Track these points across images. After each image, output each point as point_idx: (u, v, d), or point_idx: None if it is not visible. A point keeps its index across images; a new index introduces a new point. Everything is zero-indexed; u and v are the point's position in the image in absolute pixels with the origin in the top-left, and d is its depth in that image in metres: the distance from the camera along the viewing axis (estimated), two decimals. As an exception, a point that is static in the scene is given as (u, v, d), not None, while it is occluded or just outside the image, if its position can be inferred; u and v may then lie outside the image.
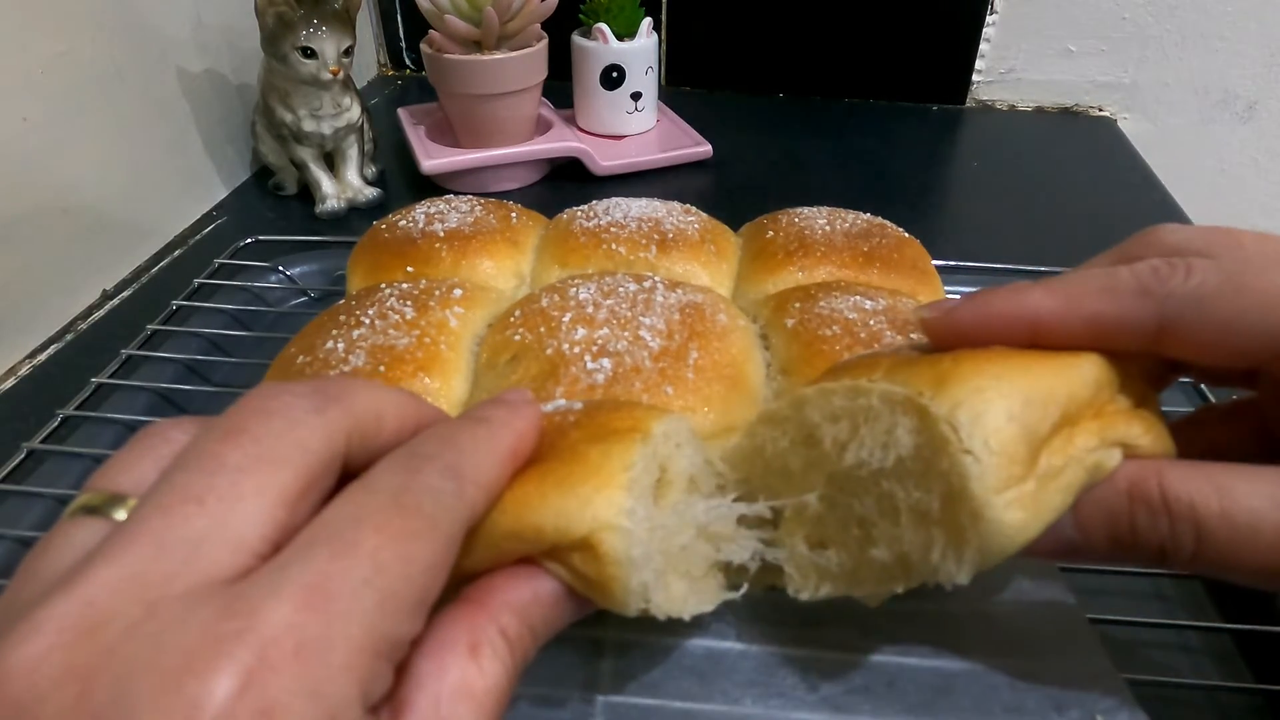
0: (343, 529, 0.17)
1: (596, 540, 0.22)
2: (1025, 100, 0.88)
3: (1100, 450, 0.24)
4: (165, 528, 0.17)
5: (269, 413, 0.19)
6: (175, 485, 0.17)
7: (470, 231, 0.45)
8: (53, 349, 0.52)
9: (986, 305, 0.25)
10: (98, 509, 0.19)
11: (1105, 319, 0.24)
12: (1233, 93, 0.84)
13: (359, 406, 0.20)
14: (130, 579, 0.16)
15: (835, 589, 0.26)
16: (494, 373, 0.35)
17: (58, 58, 0.52)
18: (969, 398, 0.22)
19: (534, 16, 0.66)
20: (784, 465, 0.27)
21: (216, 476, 0.17)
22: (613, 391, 0.32)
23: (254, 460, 0.18)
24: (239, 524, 0.17)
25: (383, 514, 0.18)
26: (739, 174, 0.74)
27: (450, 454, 0.21)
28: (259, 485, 0.17)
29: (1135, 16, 0.82)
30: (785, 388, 0.34)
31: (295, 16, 0.58)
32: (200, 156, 0.67)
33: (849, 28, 0.84)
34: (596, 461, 0.23)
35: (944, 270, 0.47)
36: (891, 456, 0.24)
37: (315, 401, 0.19)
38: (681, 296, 0.37)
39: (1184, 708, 0.32)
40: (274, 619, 0.15)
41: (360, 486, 0.19)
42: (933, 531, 0.23)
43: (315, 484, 0.19)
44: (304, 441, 0.19)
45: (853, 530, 0.26)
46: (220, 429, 0.19)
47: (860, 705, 0.28)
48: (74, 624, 0.15)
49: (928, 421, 0.23)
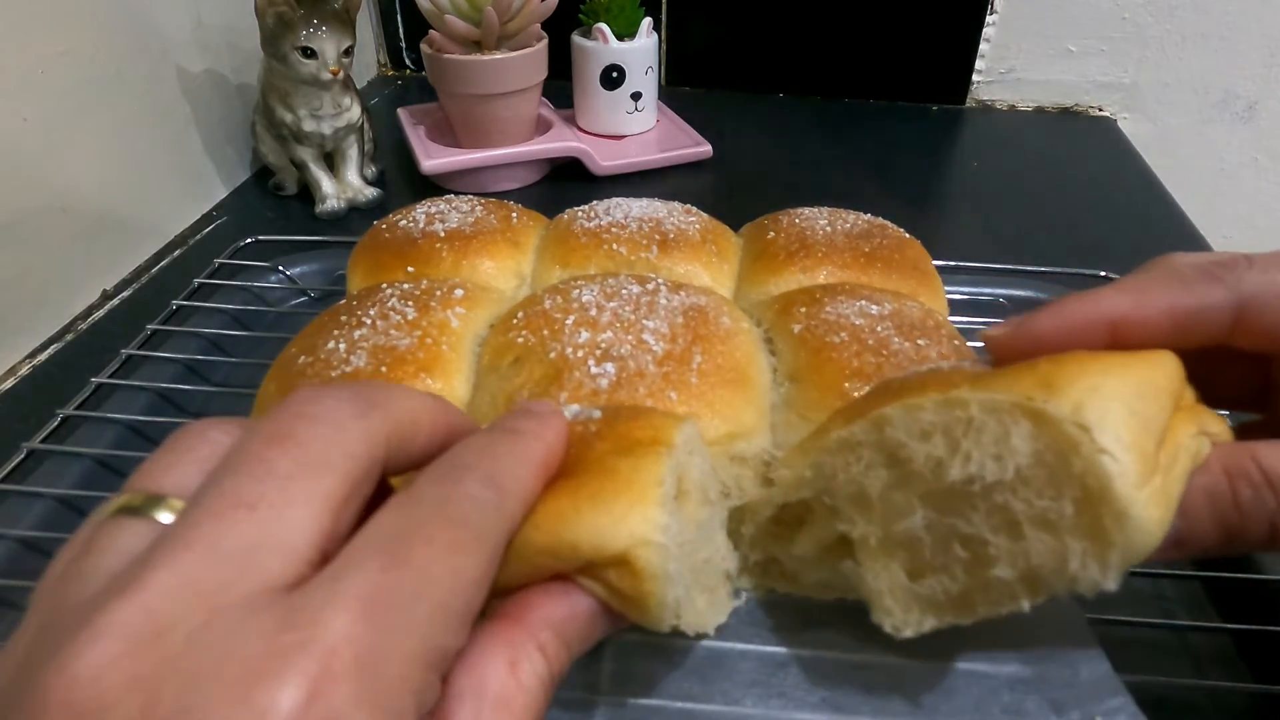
0: (393, 541, 0.18)
1: (633, 556, 0.22)
2: (1025, 100, 0.88)
3: (1198, 438, 0.23)
4: (218, 534, 0.17)
5: (313, 418, 0.19)
6: (225, 490, 0.17)
7: (471, 231, 0.45)
8: (53, 349, 0.52)
9: (1062, 312, 0.25)
10: (138, 510, 0.19)
11: (1183, 309, 0.24)
12: (1233, 93, 0.84)
13: (397, 411, 0.21)
14: (187, 585, 0.16)
15: (942, 618, 0.25)
16: (496, 375, 0.35)
17: (58, 58, 0.52)
18: (1087, 397, 0.21)
19: (534, 16, 0.66)
20: (859, 491, 0.26)
21: (266, 483, 0.17)
22: (617, 396, 0.32)
23: (301, 466, 0.18)
24: (289, 531, 0.17)
25: (431, 526, 0.18)
26: (739, 174, 0.74)
27: (489, 464, 0.21)
28: (307, 492, 0.18)
29: (1135, 16, 0.82)
30: (793, 394, 0.34)
31: (295, 16, 0.58)
32: (200, 156, 0.67)
33: (849, 28, 0.84)
34: (628, 476, 0.23)
35: (944, 270, 0.47)
36: (1009, 467, 0.22)
37: (357, 406, 0.20)
38: (685, 299, 0.37)
39: (1184, 708, 0.32)
40: (333, 630, 0.16)
41: (406, 498, 0.19)
42: (1067, 540, 0.22)
43: (359, 489, 0.19)
44: (348, 447, 0.19)
45: (956, 552, 0.24)
46: (265, 433, 0.19)
47: (861, 706, 0.28)
48: (136, 631, 0.15)
49: (1048, 425, 0.22)
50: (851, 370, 0.33)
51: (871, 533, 0.26)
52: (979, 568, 0.24)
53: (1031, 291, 0.53)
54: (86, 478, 0.40)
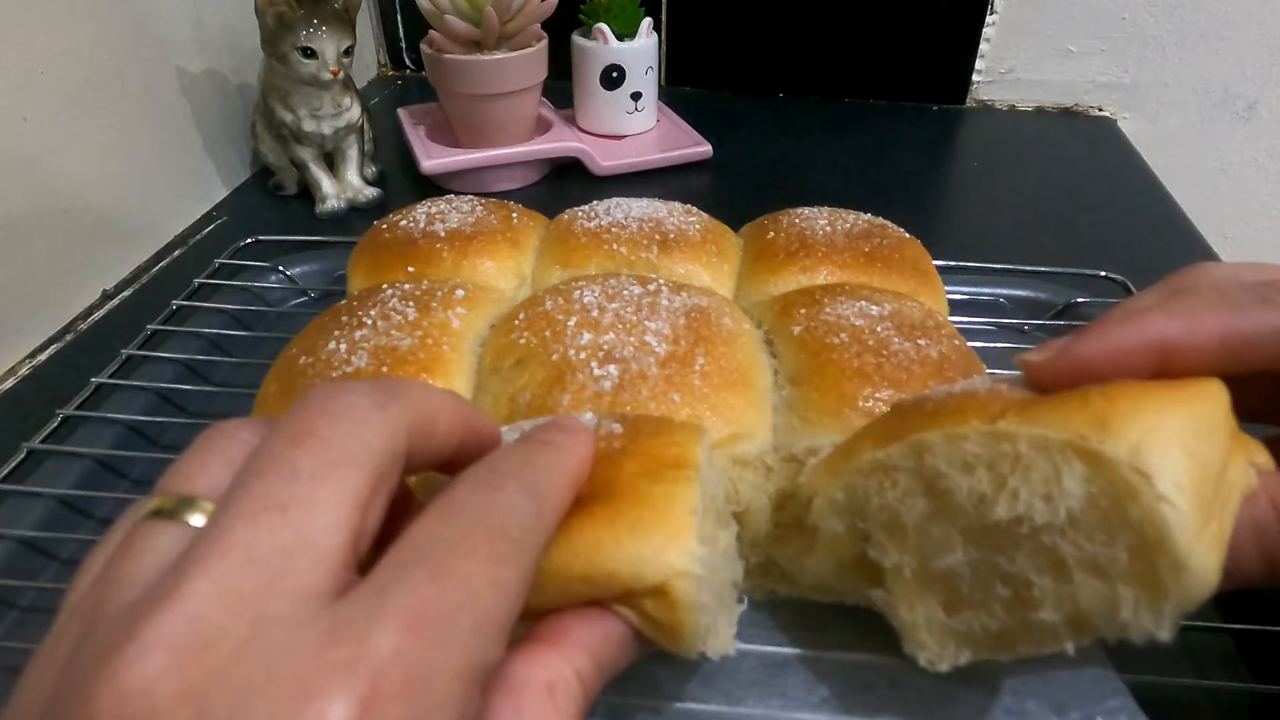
0: (435, 551, 0.18)
1: (671, 587, 0.22)
2: (1025, 100, 0.88)
3: (1247, 470, 0.23)
4: (252, 538, 0.17)
5: (334, 413, 0.19)
6: (254, 493, 0.17)
7: (471, 232, 0.45)
8: (53, 349, 0.52)
9: (1107, 337, 0.23)
10: (171, 513, 0.19)
11: (1237, 335, 0.23)
12: (1233, 93, 0.84)
13: (418, 404, 0.20)
14: (228, 593, 0.16)
15: (978, 653, 0.24)
16: (498, 377, 0.35)
17: (58, 58, 0.52)
18: (1146, 439, 0.20)
19: (534, 16, 0.66)
20: (894, 519, 0.25)
21: (294, 484, 0.17)
22: (620, 398, 0.32)
23: (326, 465, 0.18)
24: (322, 533, 0.17)
25: (472, 536, 0.18)
26: (739, 174, 0.74)
27: (529, 474, 0.21)
28: (335, 492, 0.18)
29: (1135, 16, 0.82)
30: (794, 396, 0.34)
31: (295, 16, 0.58)
32: (200, 156, 0.67)
33: (849, 28, 0.84)
34: (664, 506, 0.23)
35: (944, 270, 0.47)
36: (1060, 510, 0.21)
37: (376, 399, 0.20)
38: (686, 300, 0.37)
39: (1184, 708, 0.32)
40: (381, 647, 0.16)
41: (446, 506, 0.19)
42: (1118, 587, 0.21)
43: (383, 484, 0.19)
44: (371, 441, 0.19)
45: (998, 590, 0.23)
46: (288, 432, 0.19)
47: (861, 706, 0.28)
48: (183, 643, 0.15)
49: (1104, 468, 0.20)
50: (852, 371, 0.33)
51: (906, 564, 0.25)
52: (1021, 608, 0.23)
53: (1031, 291, 0.53)
54: (86, 478, 0.41)
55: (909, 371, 0.33)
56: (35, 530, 0.38)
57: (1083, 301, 0.51)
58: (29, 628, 0.35)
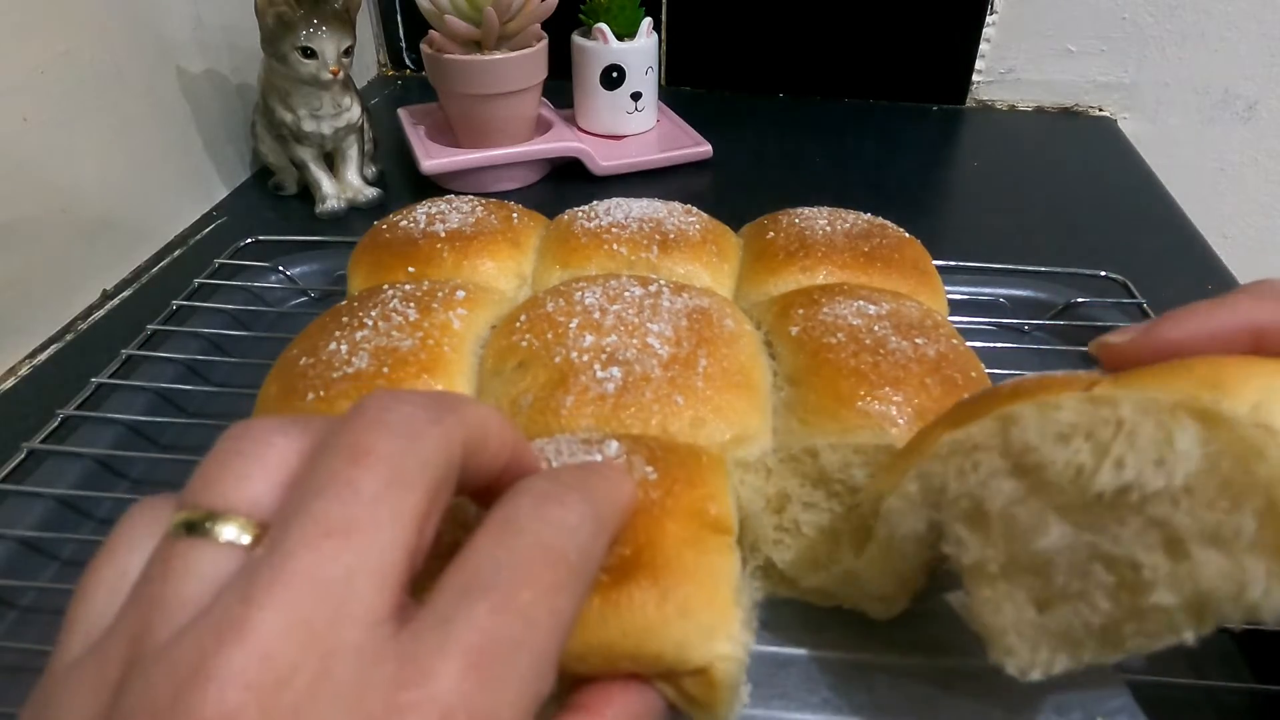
0: (497, 578, 0.18)
1: (714, 669, 0.23)
2: (1025, 100, 0.88)
3: None
4: (316, 565, 0.16)
5: (390, 427, 0.18)
6: (316, 516, 0.17)
7: (471, 232, 0.45)
8: (53, 349, 0.52)
9: (1196, 319, 0.23)
10: (205, 529, 0.18)
11: None
12: (1233, 93, 0.84)
13: (470, 419, 0.20)
14: (297, 625, 0.16)
15: (1079, 656, 0.22)
16: (500, 379, 0.34)
17: (58, 58, 0.52)
18: (1266, 397, 0.19)
19: (534, 16, 0.66)
20: (975, 506, 0.23)
21: (354, 506, 0.17)
22: (623, 401, 0.32)
23: (385, 485, 0.17)
24: (383, 558, 0.17)
25: (534, 562, 0.18)
26: (739, 174, 0.74)
27: (589, 491, 0.21)
28: (395, 514, 0.17)
29: (1135, 16, 0.82)
30: (792, 397, 0.34)
31: (295, 16, 0.58)
32: (200, 156, 0.67)
33: (849, 28, 0.84)
34: (709, 585, 0.24)
35: (944, 270, 0.47)
36: (1177, 474, 0.20)
37: (432, 413, 0.19)
38: (688, 301, 0.37)
39: (1184, 708, 0.32)
40: (447, 687, 0.16)
41: (506, 523, 0.19)
42: (1245, 560, 0.19)
43: (439, 501, 0.19)
44: (428, 458, 0.18)
45: (1098, 576, 0.21)
46: (346, 449, 0.18)
47: (861, 706, 0.28)
48: (258, 679, 0.15)
49: (1221, 428, 0.19)
50: (848, 370, 0.33)
51: (991, 558, 0.23)
52: (1129, 594, 0.21)
53: (1031, 291, 0.53)
54: (86, 478, 0.40)
55: (906, 371, 0.33)
56: (35, 530, 0.38)
57: (1083, 301, 0.51)
58: (29, 628, 0.35)
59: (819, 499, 0.31)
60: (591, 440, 0.28)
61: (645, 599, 0.23)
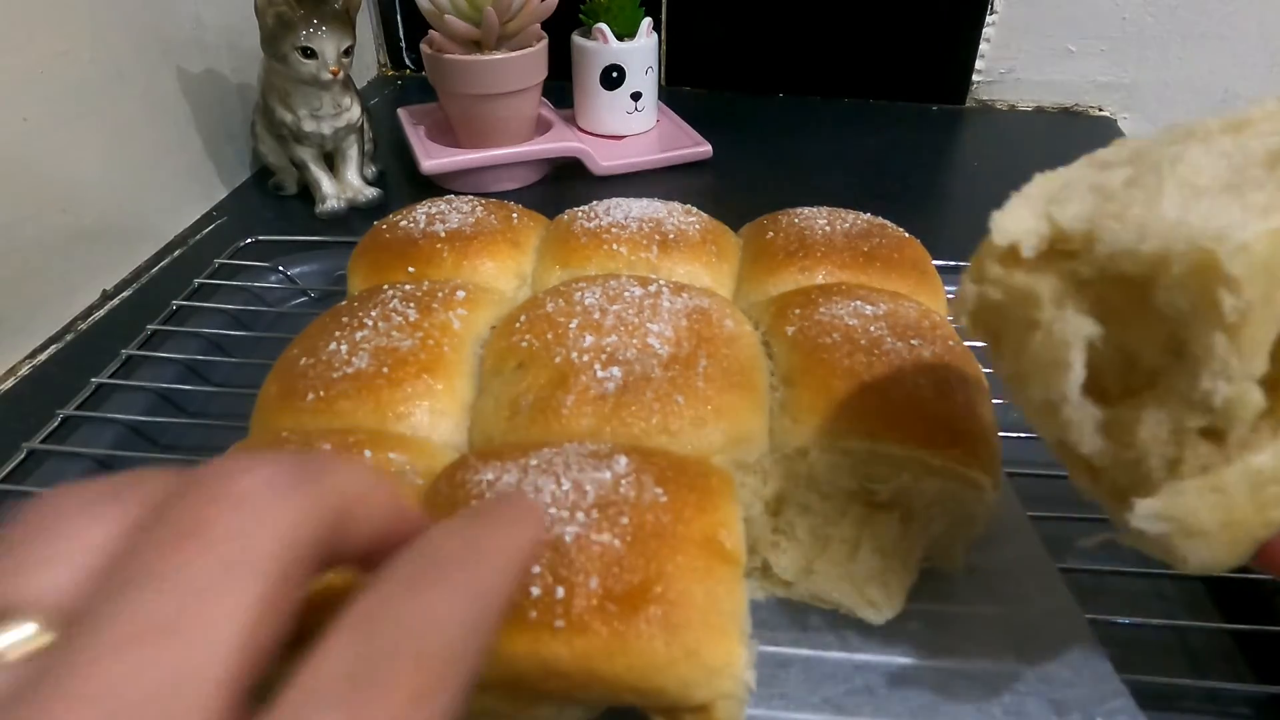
0: (348, 690, 0.14)
1: (715, 707, 0.23)
2: (1025, 100, 0.88)
3: None
4: (127, 677, 0.13)
5: (237, 500, 0.15)
6: (128, 613, 0.14)
7: (471, 232, 0.45)
8: (53, 349, 0.52)
9: None
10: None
11: None
12: (1233, 93, 0.84)
13: (341, 487, 0.17)
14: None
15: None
16: (500, 379, 0.34)
17: (58, 58, 0.52)
18: None
19: (534, 16, 0.66)
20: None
21: (181, 599, 0.14)
22: (624, 401, 0.32)
23: (223, 572, 0.14)
24: (212, 663, 0.14)
25: (396, 664, 0.15)
26: (739, 174, 0.74)
27: (471, 565, 0.17)
28: (231, 608, 0.14)
29: (1135, 16, 0.82)
30: (789, 398, 0.34)
31: (295, 16, 0.58)
32: (200, 156, 0.67)
33: (849, 28, 0.84)
34: (716, 621, 0.24)
35: (944, 270, 0.46)
36: None
37: (283, 483, 0.16)
38: (688, 301, 0.37)
39: (1184, 707, 0.32)
40: None
41: (365, 619, 0.15)
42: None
43: (292, 585, 0.15)
44: (280, 535, 0.15)
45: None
46: (172, 525, 0.15)
47: (862, 706, 0.28)
48: None
49: None
50: (842, 370, 0.33)
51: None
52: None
53: (1031, 291, 0.53)
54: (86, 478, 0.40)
55: (901, 371, 0.33)
56: (35, 530, 0.38)
57: (1083, 301, 0.51)
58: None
59: (813, 501, 0.31)
60: (600, 454, 0.28)
61: (653, 636, 0.23)
